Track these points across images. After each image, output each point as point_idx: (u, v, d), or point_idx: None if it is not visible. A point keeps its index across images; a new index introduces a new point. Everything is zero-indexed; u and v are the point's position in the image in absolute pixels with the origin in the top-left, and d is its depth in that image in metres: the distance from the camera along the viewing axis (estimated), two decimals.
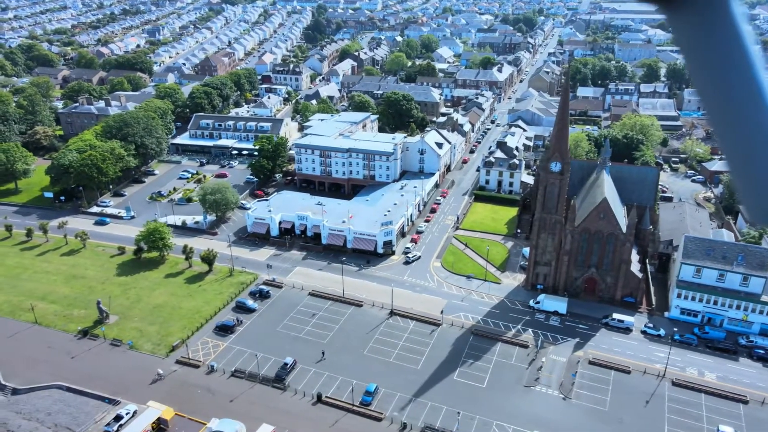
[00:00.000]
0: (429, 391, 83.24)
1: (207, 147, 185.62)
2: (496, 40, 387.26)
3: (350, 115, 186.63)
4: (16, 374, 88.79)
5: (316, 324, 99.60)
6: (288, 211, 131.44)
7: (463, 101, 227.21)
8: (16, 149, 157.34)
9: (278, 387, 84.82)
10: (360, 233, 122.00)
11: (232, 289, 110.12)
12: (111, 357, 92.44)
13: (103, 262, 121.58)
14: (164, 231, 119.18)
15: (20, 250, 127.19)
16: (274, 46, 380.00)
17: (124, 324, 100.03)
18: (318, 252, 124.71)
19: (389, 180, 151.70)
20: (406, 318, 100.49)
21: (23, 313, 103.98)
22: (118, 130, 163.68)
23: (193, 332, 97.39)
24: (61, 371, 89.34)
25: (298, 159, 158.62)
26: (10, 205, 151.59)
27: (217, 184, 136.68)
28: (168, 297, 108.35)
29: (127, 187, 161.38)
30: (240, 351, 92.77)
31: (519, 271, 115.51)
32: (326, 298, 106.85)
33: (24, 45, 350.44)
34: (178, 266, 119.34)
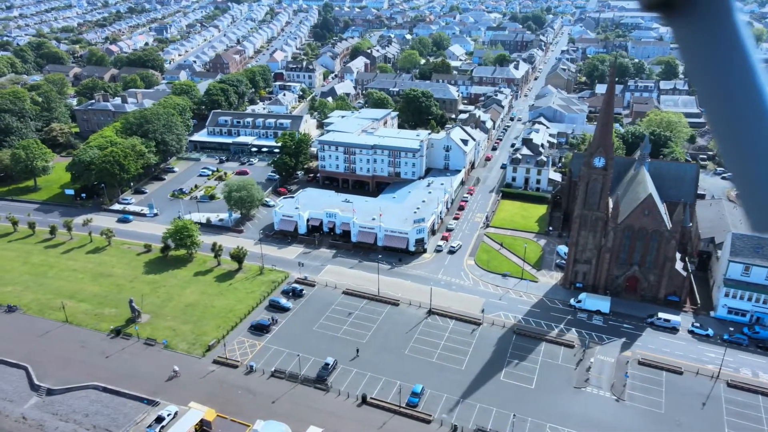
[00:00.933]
0: (476, 392, 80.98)
1: (226, 144, 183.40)
2: (507, 37, 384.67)
3: (371, 112, 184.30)
4: (49, 374, 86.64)
5: (352, 323, 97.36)
6: (314, 209, 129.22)
7: (482, 98, 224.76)
8: (36, 146, 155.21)
9: (321, 388, 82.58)
10: (391, 231, 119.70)
11: (264, 288, 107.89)
12: (146, 356, 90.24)
13: (129, 260, 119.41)
14: (192, 228, 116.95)
15: (44, 248, 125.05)
16: (284, 44, 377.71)
17: (156, 323, 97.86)
18: (347, 250, 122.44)
19: (415, 177, 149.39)
20: (445, 317, 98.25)
21: (52, 311, 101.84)
22: (138, 127, 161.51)
23: (228, 331, 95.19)
24: (95, 371, 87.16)
25: (322, 156, 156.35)
26: (31, 202, 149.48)
27: (242, 181, 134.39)
28: (199, 295, 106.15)
29: (148, 185, 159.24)
30: (277, 351, 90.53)
31: (555, 269, 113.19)
32: (361, 296, 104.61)
33: (33, 42, 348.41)
34: (206, 264, 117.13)
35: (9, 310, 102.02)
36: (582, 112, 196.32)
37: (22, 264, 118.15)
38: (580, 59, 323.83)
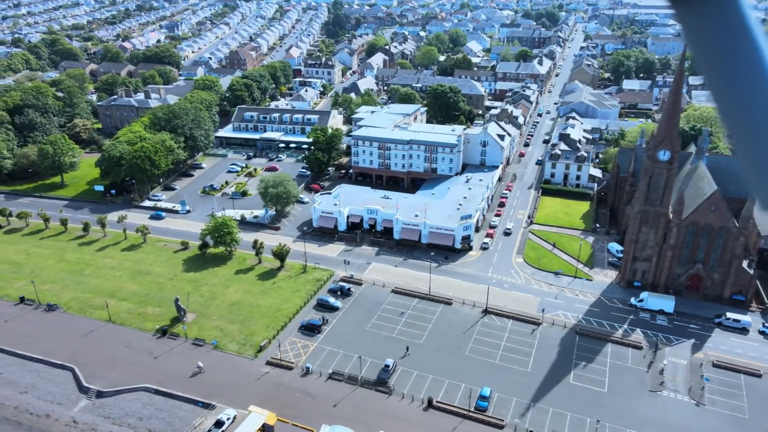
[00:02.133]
0: (547, 396, 77.36)
1: (252, 140, 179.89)
2: (524, 34, 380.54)
3: (400, 107, 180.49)
4: (97, 376, 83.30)
5: (406, 323, 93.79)
6: (353, 205, 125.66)
7: (508, 94, 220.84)
8: (63, 142, 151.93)
9: (382, 390, 79.05)
10: (437, 227, 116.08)
11: (309, 287, 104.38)
12: (195, 357, 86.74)
13: (167, 258, 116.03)
14: (231, 225, 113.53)
15: (78, 245, 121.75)
16: (299, 40, 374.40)
17: (202, 322, 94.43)
18: (390, 247, 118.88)
19: (451, 173, 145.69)
20: (502, 317, 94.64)
21: (93, 310, 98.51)
22: (167, 122, 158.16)
23: (278, 331, 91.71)
24: (144, 372, 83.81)
25: (355, 151, 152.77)
26: (59, 199, 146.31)
27: (278, 177, 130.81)
28: (243, 294, 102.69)
29: (176, 181, 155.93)
30: (332, 352, 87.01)
31: (608, 267, 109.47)
32: (411, 295, 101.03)
33: (47, 39, 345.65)
34: (246, 262, 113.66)
35: (49, 308, 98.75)
36: (614, 107, 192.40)
37: (57, 262, 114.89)
38: (599, 55, 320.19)
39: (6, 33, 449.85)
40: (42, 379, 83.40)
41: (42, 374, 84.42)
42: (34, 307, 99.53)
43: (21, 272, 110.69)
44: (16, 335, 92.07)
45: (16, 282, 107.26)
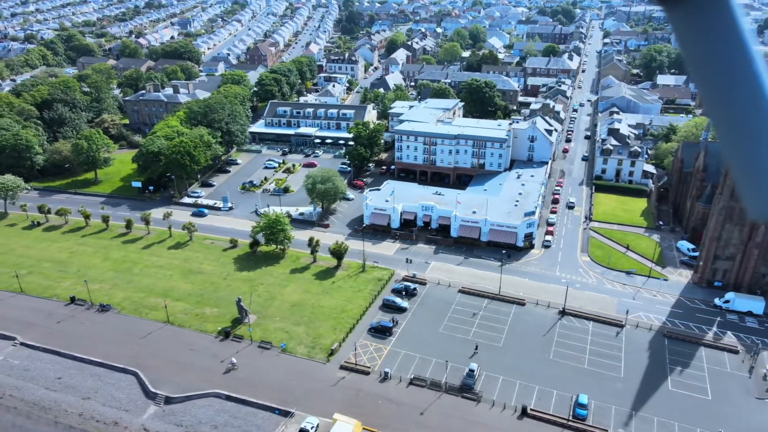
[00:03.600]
0: (647, 404, 72.57)
1: (286, 135, 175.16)
2: (544, 30, 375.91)
3: (438, 102, 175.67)
4: (163, 380, 78.66)
5: (480, 325, 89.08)
6: (404, 202, 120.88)
7: (542, 89, 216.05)
8: (98, 137, 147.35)
9: (470, 397, 74.32)
10: (498, 224, 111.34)
11: (371, 286, 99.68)
12: (264, 361, 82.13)
13: (216, 256, 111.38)
14: (284, 223, 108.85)
15: (122, 243, 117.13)
16: (316, 37, 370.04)
17: (265, 324, 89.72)
18: (448, 245, 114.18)
19: (500, 169, 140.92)
20: (581, 318, 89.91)
21: (148, 311, 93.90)
22: (203, 116, 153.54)
23: (347, 334, 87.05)
24: (212, 377, 79.16)
25: (398, 147, 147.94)
26: (95, 195, 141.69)
27: (326, 173, 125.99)
28: (303, 294, 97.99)
29: (212, 177, 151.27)
30: (408, 355, 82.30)
31: (681, 266, 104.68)
32: (480, 295, 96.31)
33: (63, 35, 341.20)
34: (300, 261, 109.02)
35: (102, 309, 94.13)
36: (656, 102, 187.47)
37: (102, 260, 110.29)
38: (623, 51, 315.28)
39: (17, 29, 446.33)
40: (104, 384, 78.83)
41: (104, 378, 79.85)
42: (86, 308, 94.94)
43: (67, 271, 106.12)
44: (71, 337, 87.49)
45: (64, 281, 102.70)
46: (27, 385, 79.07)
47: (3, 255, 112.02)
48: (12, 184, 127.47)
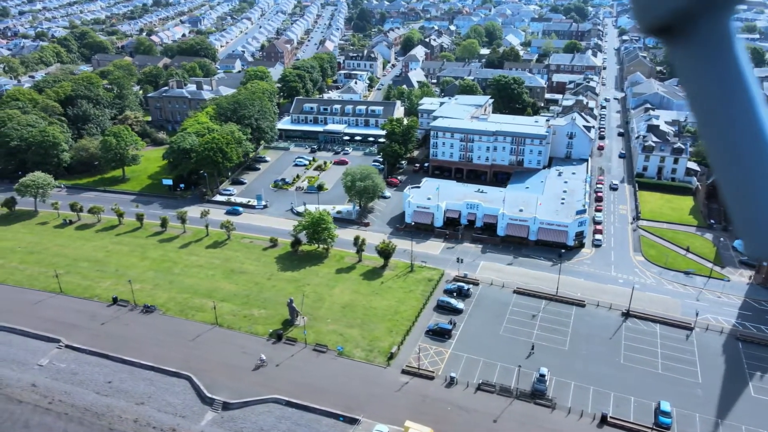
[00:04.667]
0: (732, 412, 69.14)
1: (313, 132, 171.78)
2: (560, 27, 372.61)
3: (469, 98, 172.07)
4: (218, 385, 75.37)
5: (542, 327, 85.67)
6: (447, 200, 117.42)
7: (569, 85, 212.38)
8: (127, 133, 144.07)
9: (544, 404, 70.90)
10: (548, 223, 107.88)
11: (422, 287, 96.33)
12: (321, 365, 78.84)
13: (257, 256, 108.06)
14: (328, 221, 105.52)
15: (158, 242, 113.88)
16: (331, 34, 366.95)
17: (317, 326, 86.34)
18: (495, 244, 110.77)
19: (539, 166, 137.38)
20: (646, 320, 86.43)
21: (195, 312, 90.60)
22: (233, 112, 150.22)
23: (404, 336, 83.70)
24: (269, 381, 75.89)
25: (434, 143, 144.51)
26: (124, 193, 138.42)
27: (365, 170, 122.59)
28: (352, 295, 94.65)
29: (242, 175, 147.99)
30: (471, 359, 78.93)
31: (740, 266, 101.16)
32: (537, 296, 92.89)
33: (76, 32, 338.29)
34: (345, 260, 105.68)
35: (146, 310, 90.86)
36: None
37: (140, 259, 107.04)
38: (643, 48, 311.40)
39: (27, 27, 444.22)
40: (157, 389, 75.57)
41: (156, 383, 76.60)
42: (130, 309, 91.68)
43: (105, 271, 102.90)
44: (117, 339, 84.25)
45: (103, 281, 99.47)
46: (76, 389, 75.88)
47: (38, 254, 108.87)
48: (42, 181, 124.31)
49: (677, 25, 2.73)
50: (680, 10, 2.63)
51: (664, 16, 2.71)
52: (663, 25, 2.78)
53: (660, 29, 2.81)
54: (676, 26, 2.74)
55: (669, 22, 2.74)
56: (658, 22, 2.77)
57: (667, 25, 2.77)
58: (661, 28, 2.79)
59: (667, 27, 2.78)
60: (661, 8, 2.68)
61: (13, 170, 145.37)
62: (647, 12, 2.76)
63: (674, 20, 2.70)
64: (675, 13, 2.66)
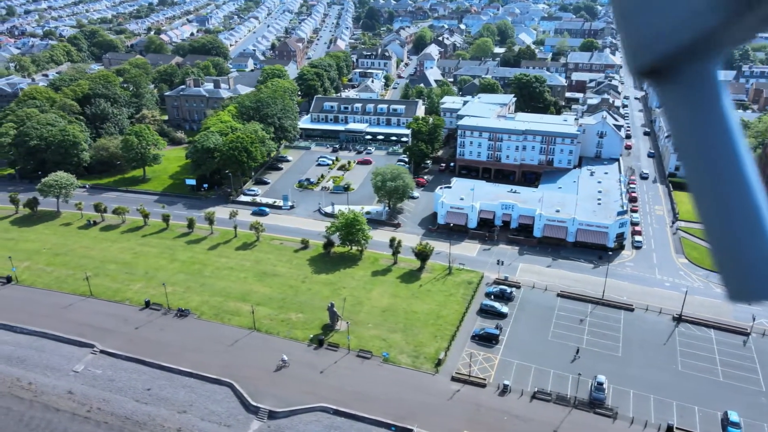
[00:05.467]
0: None
1: (334, 131, 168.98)
2: (573, 26, 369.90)
3: (492, 97, 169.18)
4: (262, 393, 72.65)
5: (591, 332, 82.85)
6: (481, 200, 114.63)
7: (590, 84, 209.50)
8: (148, 132, 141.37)
9: (604, 413, 68.13)
10: (587, 224, 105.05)
11: (462, 290, 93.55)
12: (365, 372, 76.08)
13: (288, 258, 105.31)
14: (362, 222, 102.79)
15: (186, 243, 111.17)
16: (341, 33, 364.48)
17: (358, 331, 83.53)
18: (531, 246, 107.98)
19: (570, 166, 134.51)
20: (699, 325, 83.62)
21: (231, 316, 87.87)
22: (256, 111, 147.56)
23: (449, 342, 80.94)
24: (314, 389, 73.14)
25: (461, 142, 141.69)
26: (146, 193, 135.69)
27: (395, 169, 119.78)
28: (391, 299, 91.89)
29: (265, 174, 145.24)
30: (522, 366, 76.13)
31: None
32: (582, 300, 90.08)
33: (86, 31, 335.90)
34: (380, 262, 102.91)
35: (180, 314, 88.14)
36: None
37: (169, 261, 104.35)
38: None
39: (34, 26, 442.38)
40: (198, 396, 72.87)
41: (196, 390, 73.89)
42: (163, 313, 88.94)
43: (134, 273, 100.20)
44: (153, 344, 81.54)
45: (133, 284, 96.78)
46: (115, 397, 73.19)
47: (64, 256, 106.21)
48: (66, 181, 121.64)
49: (663, 70, 2.83)
50: (665, 57, 2.74)
51: (651, 61, 2.81)
52: (650, 69, 2.86)
53: (648, 73, 2.89)
54: (663, 70, 2.83)
55: (656, 67, 2.83)
56: (645, 67, 2.85)
57: (654, 69, 2.86)
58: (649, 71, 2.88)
59: (655, 71, 2.86)
60: (648, 54, 2.79)
61: (32, 170, 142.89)
62: (636, 56, 2.86)
63: (660, 65, 2.80)
64: (661, 59, 2.76)
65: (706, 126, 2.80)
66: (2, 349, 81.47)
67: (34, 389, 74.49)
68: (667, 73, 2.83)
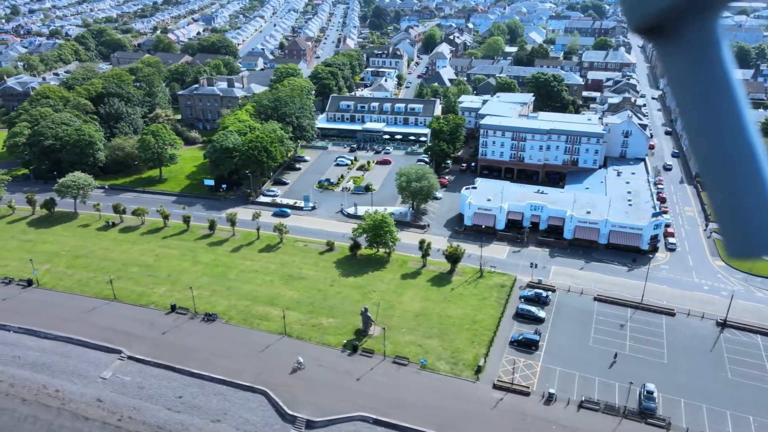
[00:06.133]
0: None
1: (350, 131, 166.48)
2: (583, 25, 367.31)
3: (511, 96, 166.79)
4: (298, 401, 70.15)
5: (633, 338, 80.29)
6: (507, 201, 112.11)
7: (607, 83, 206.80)
8: (165, 132, 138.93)
9: (656, 424, 65.56)
10: (620, 225, 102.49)
11: (496, 294, 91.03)
12: (403, 379, 73.58)
13: (314, 260, 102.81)
14: (390, 223, 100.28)
15: (207, 245, 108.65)
16: (349, 32, 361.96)
17: (393, 336, 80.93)
18: (562, 248, 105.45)
19: (595, 166, 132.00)
20: (745, 331, 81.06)
21: (259, 321, 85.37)
22: (274, 110, 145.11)
23: (488, 348, 78.41)
24: (351, 397, 70.64)
25: (483, 142, 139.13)
26: (163, 194, 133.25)
27: (420, 169, 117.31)
28: (424, 303, 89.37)
29: (283, 174, 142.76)
30: (566, 373, 73.59)
31: None
32: (620, 304, 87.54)
33: (93, 30, 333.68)
34: (408, 265, 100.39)
35: (208, 318, 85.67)
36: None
37: (192, 264, 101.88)
38: None
39: (39, 25, 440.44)
40: (232, 405, 70.41)
41: (229, 398, 71.43)
42: (190, 317, 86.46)
43: (157, 276, 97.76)
44: (181, 350, 79.08)
45: (157, 287, 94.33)
46: (145, 405, 70.74)
47: (84, 258, 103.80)
48: (83, 181, 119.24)
49: (665, 26, 2.77)
50: (665, 12, 2.69)
51: (653, 16, 2.76)
52: (651, 26, 2.81)
53: (648, 30, 2.83)
54: (664, 27, 2.78)
55: (657, 23, 2.78)
56: (646, 22, 2.80)
57: (655, 26, 2.80)
58: (650, 28, 2.82)
59: (655, 27, 2.81)
60: (650, 8, 2.73)
61: (47, 170, 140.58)
62: (636, 11, 2.79)
63: (662, 20, 2.75)
64: (663, 13, 2.72)
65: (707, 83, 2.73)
66: (27, 354, 79.14)
67: (62, 396, 72.10)
68: (667, 30, 2.77)
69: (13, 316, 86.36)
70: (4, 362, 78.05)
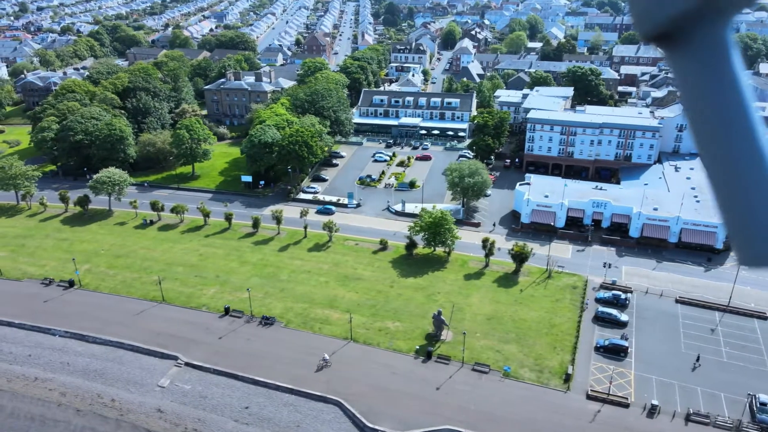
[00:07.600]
0: None
1: (385, 126, 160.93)
2: (603, 21, 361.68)
3: (550, 90, 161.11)
4: (375, 412, 64.56)
5: (728, 343, 74.51)
6: (561, 198, 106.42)
7: (643, 77, 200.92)
8: (199, 126, 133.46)
9: None
10: (693, 223, 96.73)
11: (569, 295, 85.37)
12: (487, 388, 67.95)
13: (369, 260, 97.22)
14: (450, 221, 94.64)
15: (253, 244, 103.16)
16: (365, 28, 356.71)
17: (467, 341, 75.33)
18: (629, 246, 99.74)
19: (650, 161, 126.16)
20: None
21: (320, 324, 79.80)
22: (311, 104, 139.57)
23: (572, 354, 72.79)
24: (434, 408, 65.00)
25: (530, 137, 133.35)
26: (199, 191, 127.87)
27: (472, 164, 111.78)
28: (493, 305, 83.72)
29: (320, 171, 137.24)
30: (663, 383, 67.85)
31: None
32: (704, 307, 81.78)
33: (108, 26, 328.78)
34: (469, 265, 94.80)
35: (266, 322, 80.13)
36: None
37: (239, 264, 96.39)
38: None
39: (49, 22, 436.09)
40: (304, 416, 64.85)
41: (300, 409, 65.89)
42: (246, 321, 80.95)
43: (205, 277, 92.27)
44: (241, 356, 73.58)
45: (206, 288, 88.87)
46: (210, 416, 65.23)
47: (125, 258, 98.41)
48: (119, 178, 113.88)
49: (674, 33, 2.75)
50: (674, 19, 2.67)
51: (662, 24, 2.72)
52: (661, 33, 2.77)
53: (658, 36, 2.80)
54: (674, 33, 2.75)
55: (666, 30, 2.74)
56: (656, 30, 2.76)
57: (664, 33, 2.77)
58: (659, 35, 2.79)
59: (665, 34, 2.78)
60: (659, 15, 2.70)
61: (75, 167, 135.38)
62: (645, 19, 2.75)
63: (671, 27, 2.72)
64: (672, 20, 2.68)
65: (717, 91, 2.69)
66: (77, 361, 73.71)
67: (119, 407, 66.66)
68: (676, 36, 2.73)
69: (57, 320, 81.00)
70: (53, 369, 72.71)
